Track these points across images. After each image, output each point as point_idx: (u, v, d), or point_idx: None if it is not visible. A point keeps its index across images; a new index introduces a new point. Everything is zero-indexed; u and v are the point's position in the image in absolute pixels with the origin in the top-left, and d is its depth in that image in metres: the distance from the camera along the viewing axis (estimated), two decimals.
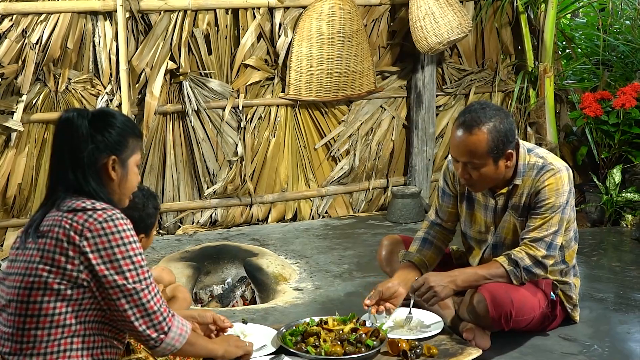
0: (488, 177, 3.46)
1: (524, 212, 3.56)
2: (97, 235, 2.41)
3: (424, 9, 5.69)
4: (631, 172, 5.91)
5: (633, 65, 6.95)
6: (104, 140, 2.53)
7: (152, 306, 2.48)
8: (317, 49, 5.73)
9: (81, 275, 2.41)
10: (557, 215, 3.47)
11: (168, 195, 5.71)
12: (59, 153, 2.54)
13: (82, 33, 5.31)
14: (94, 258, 2.40)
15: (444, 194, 3.83)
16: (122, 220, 2.46)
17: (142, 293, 2.46)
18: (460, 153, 3.43)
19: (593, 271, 4.76)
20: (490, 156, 3.39)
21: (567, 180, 3.50)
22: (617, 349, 3.62)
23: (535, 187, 3.50)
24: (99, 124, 2.54)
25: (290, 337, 3.38)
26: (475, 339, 3.51)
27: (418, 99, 6.16)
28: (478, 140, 3.36)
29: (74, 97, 5.35)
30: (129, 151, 2.60)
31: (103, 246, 2.41)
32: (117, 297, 2.44)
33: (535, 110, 6.34)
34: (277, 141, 5.91)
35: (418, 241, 3.82)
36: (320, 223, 5.96)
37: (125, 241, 2.44)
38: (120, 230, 2.43)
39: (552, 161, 3.54)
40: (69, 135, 2.52)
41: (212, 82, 5.64)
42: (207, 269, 4.86)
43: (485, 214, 3.68)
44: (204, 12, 5.55)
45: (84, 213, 2.43)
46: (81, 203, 2.46)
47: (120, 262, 2.42)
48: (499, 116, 3.40)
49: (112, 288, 2.42)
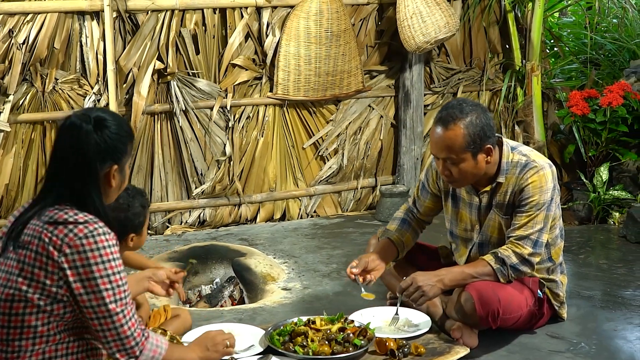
0: (468, 173, 3.48)
1: (508, 210, 3.58)
2: (76, 251, 2.35)
3: (411, 8, 5.70)
4: (618, 170, 5.93)
5: (620, 63, 6.99)
6: (107, 150, 2.49)
7: (125, 330, 2.44)
8: (305, 49, 5.72)
9: (60, 291, 2.38)
10: (542, 213, 3.48)
11: (156, 196, 5.69)
12: (63, 160, 2.48)
13: (69, 33, 5.30)
14: (71, 275, 2.36)
15: (422, 189, 3.90)
16: (103, 236, 2.39)
17: (117, 317, 2.41)
18: (438, 149, 3.48)
19: (580, 269, 4.78)
20: (468, 151, 3.42)
21: (550, 177, 3.51)
22: (604, 346, 3.63)
23: (519, 185, 3.52)
24: (102, 132, 2.49)
25: (278, 337, 3.38)
26: (463, 338, 3.52)
27: (406, 98, 6.17)
28: (455, 135, 3.40)
29: (61, 98, 5.33)
30: (127, 156, 2.59)
31: (81, 263, 2.35)
32: (91, 318, 2.40)
33: (522, 109, 6.35)
34: (265, 141, 5.90)
35: (397, 220, 3.90)
36: (309, 222, 5.96)
37: (105, 259, 2.38)
38: (100, 247, 2.37)
39: (535, 159, 3.55)
40: (76, 144, 2.46)
41: (200, 82, 5.63)
42: (196, 269, 4.84)
43: (470, 212, 3.70)
44: (192, 12, 5.53)
45: (65, 227, 2.37)
46: (63, 214, 2.40)
47: (98, 280, 2.37)
48: (476, 111, 3.44)
49: (86, 308, 2.38)
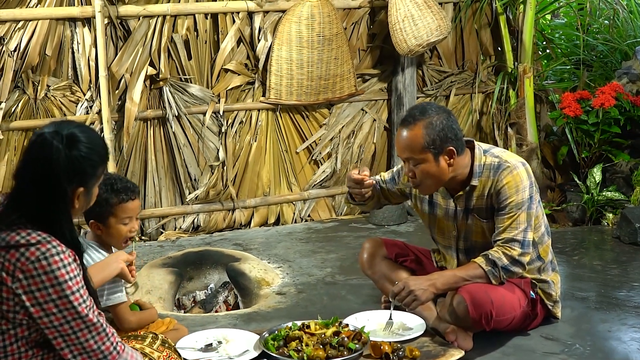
0: (431, 175, 3.50)
1: (488, 215, 3.58)
2: (29, 276, 2.28)
3: (403, 11, 5.71)
4: (611, 171, 5.94)
5: (612, 64, 7.00)
6: (75, 173, 2.40)
7: (90, 345, 2.36)
8: (297, 53, 5.72)
9: (18, 316, 2.33)
10: (523, 212, 3.49)
11: (150, 202, 5.69)
12: (29, 176, 2.39)
13: (61, 40, 5.30)
14: (28, 300, 2.29)
15: (392, 179, 3.95)
16: (57, 256, 2.30)
17: (81, 333, 2.35)
18: (400, 150, 3.55)
19: (575, 270, 4.78)
20: (429, 151, 3.45)
21: (525, 175, 3.52)
22: (598, 348, 3.64)
23: (494, 188, 3.52)
24: (72, 153, 2.40)
25: (272, 342, 3.38)
26: (458, 340, 3.52)
27: (399, 101, 6.18)
28: (415, 135, 3.45)
29: (53, 104, 5.33)
30: (95, 180, 2.51)
31: (37, 287, 2.28)
32: (54, 337, 2.34)
33: (515, 111, 6.36)
34: (258, 145, 5.90)
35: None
36: (303, 227, 5.96)
37: (60, 280, 2.29)
38: (54, 269, 2.29)
39: (507, 159, 3.56)
40: (43, 161, 2.37)
41: (193, 87, 5.63)
42: (190, 274, 4.84)
43: (447, 217, 3.71)
44: (183, 18, 5.54)
45: (17, 251, 2.30)
46: (15, 236, 2.31)
47: (57, 302, 2.30)
48: (438, 114, 3.48)
49: (47, 329, 2.33)
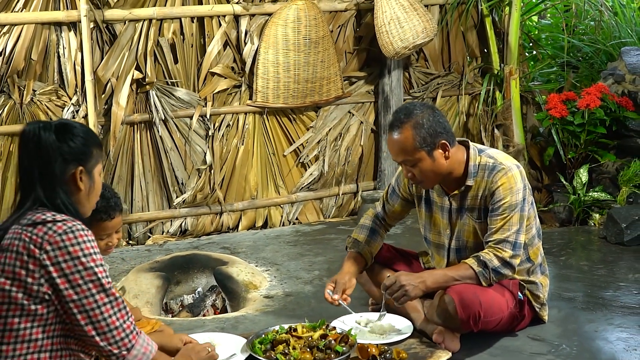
0: (429, 171, 3.53)
1: (481, 215, 3.60)
2: (57, 247, 2.37)
3: (389, 14, 5.72)
4: (598, 172, 5.96)
5: (598, 65, 7.03)
6: (70, 151, 2.52)
7: (114, 321, 2.45)
8: (284, 56, 5.72)
9: (42, 289, 2.38)
10: (516, 214, 3.50)
11: (137, 206, 5.67)
12: (27, 167, 2.51)
13: (47, 44, 5.28)
14: (55, 271, 2.37)
15: (392, 193, 3.94)
16: (82, 231, 2.42)
17: (104, 307, 2.43)
18: (394, 154, 3.60)
19: (562, 271, 4.79)
20: (422, 150, 3.48)
21: (519, 178, 3.54)
22: (585, 348, 3.64)
23: (489, 189, 3.54)
24: (63, 136, 2.52)
25: (259, 345, 3.37)
26: (445, 342, 3.52)
27: (386, 103, 6.19)
28: (404, 137, 3.49)
29: (39, 109, 5.31)
30: (93, 160, 2.60)
31: (63, 258, 2.37)
32: (79, 311, 2.40)
33: (502, 112, 6.38)
34: (245, 148, 5.89)
35: (366, 230, 3.92)
36: (291, 229, 5.95)
37: (86, 252, 2.40)
38: (80, 242, 2.40)
39: (502, 161, 3.58)
40: (35, 148, 2.49)
41: (179, 91, 5.62)
42: (177, 278, 4.82)
43: (442, 215, 3.73)
44: (169, 21, 5.53)
45: (44, 225, 2.40)
46: (41, 215, 2.43)
47: (83, 273, 2.39)
48: (422, 112, 3.52)
49: (72, 302, 2.39)
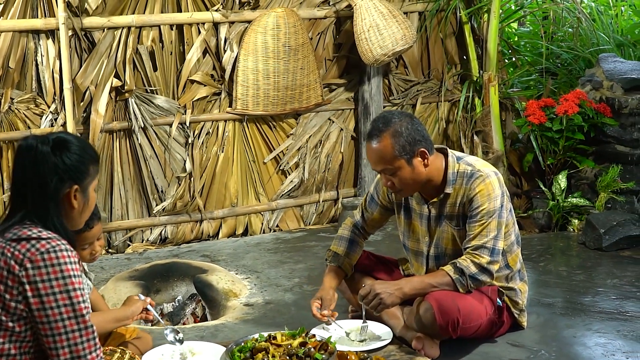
0: (408, 179, 3.54)
1: (459, 222, 3.61)
2: (36, 266, 2.32)
3: (368, 21, 5.73)
4: (576, 178, 6.00)
5: (576, 72, 7.08)
6: (66, 170, 2.46)
7: (78, 350, 2.34)
8: (263, 63, 5.72)
9: (19, 306, 2.33)
10: (494, 220, 3.51)
11: (116, 214, 5.65)
12: (21, 182, 2.46)
13: (24, 52, 5.25)
14: (30, 290, 2.31)
15: (371, 200, 3.94)
16: (65, 252, 2.35)
17: (72, 334, 2.34)
18: (374, 162, 3.58)
19: (541, 276, 4.82)
20: (401, 158, 3.49)
21: (497, 184, 3.55)
22: (563, 353, 3.67)
23: (467, 196, 3.55)
24: (60, 152, 2.47)
25: (239, 354, 3.35)
26: (425, 348, 3.53)
27: (365, 110, 6.20)
28: (384, 146, 3.49)
29: (17, 117, 5.28)
30: (89, 178, 2.55)
31: (41, 278, 2.31)
32: (45, 334, 2.33)
33: (481, 119, 6.40)
34: (225, 156, 5.88)
35: (345, 242, 3.92)
36: (272, 237, 5.95)
37: (65, 274, 2.33)
38: (61, 263, 2.33)
39: (480, 168, 3.59)
40: (32, 164, 2.44)
41: (159, 99, 5.61)
42: (157, 287, 4.80)
43: (421, 222, 3.74)
44: (148, 29, 5.51)
45: (28, 242, 2.35)
46: (27, 231, 2.38)
47: (57, 296, 2.32)
48: (400, 120, 3.53)
49: (42, 324, 2.32)
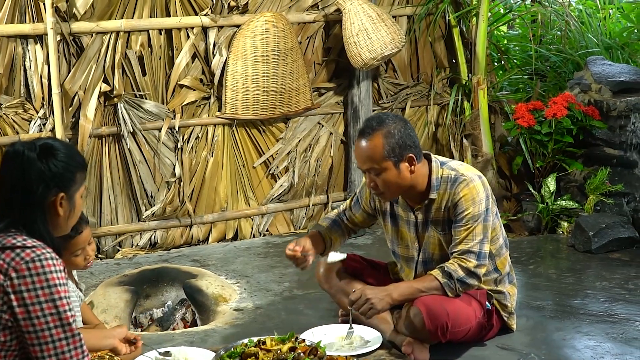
0: (392, 183, 3.53)
1: (445, 227, 3.61)
2: (21, 275, 2.31)
3: (357, 25, 5.74)
4: (565, 180, 6.02)
5: (565, 75, 7.10)
6: (53, 177, 2.46)
7: (65, 358, 2.35)
8: (252, 68, 5.72)
9: (4, 316, 2.33)
10: (479, 224, 3.52)
11: (106, 219, 5.63)
12: (7, 189, 2.46)
13: (12, 57, 5.23)
14: (15, 299, 2.31)
15: (356, 202, 3.97)
16: (51, 260, 2.35)
17: (59, 343, 2.34)
18: (361, 161, 3.57)
19: (530, 279, 4.83)
20: (389, 160, 3.49)
21: (481, 188, 3.56)
22: (553, 356, 3.68)
23: (451, 200, 3.56)
24: (46, 159, 2.47)
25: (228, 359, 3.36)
26: (414, 353, 3.54)
27: (355, 114, 6.20)
28: (374, 145, 3.49)
29: (5, 123, 5.26)
30: (76, 185, 2.55)
31: (26, 287, 2.31)
32: (32, 344, 2.33)
33: (470, 122, 6.41)
34: (215, 160, 5.88)
35: (329, 220, 4.01)
36: (262, 241, 5.94)
37: (51, 283, 2.33)
38: (47, 272, 2.33)
39: (464, 172, 3.60)
40: (18, 172, 2.45)
41: (148, 103, 5.60)
42: (147, 292, 4.79)
43: (409, 229, 3.74)
44: (137, 34, 5.50)
45: (12, 251, 2.35)
46: (12, 239, 2.38)
47: (43, 305, 2.32)
48: (394, 123, 3.53)
49: (28, 333, 2.32)
